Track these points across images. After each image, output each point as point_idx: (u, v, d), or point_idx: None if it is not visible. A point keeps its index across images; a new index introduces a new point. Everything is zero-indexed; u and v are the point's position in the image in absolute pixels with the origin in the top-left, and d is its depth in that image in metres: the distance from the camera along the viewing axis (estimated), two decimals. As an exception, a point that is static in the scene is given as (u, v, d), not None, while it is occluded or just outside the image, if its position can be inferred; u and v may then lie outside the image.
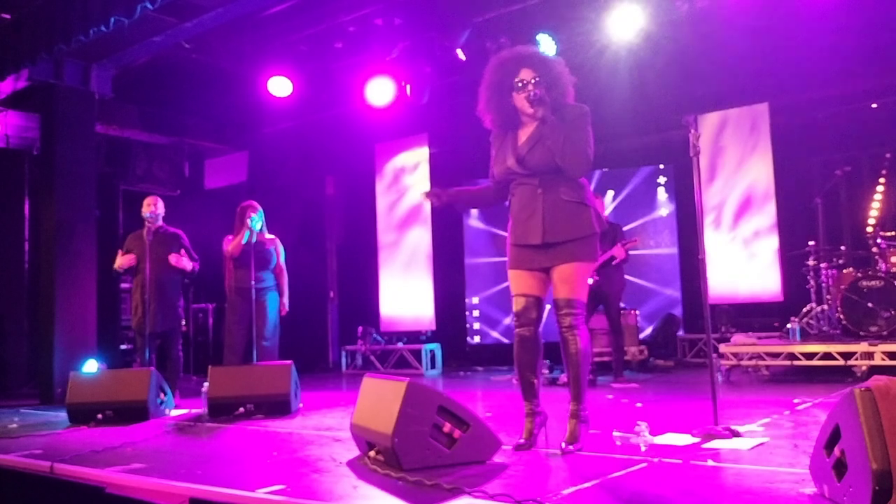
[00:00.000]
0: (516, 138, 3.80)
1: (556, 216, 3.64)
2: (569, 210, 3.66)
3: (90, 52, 7.68)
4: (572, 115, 3.69)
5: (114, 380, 5.87)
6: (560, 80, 3.74)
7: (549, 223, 3.63)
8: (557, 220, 3.64)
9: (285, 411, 5.51)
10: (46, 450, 4.36)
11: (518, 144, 3.76)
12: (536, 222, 3.65)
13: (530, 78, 3.69)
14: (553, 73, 3.73)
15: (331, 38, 8.58)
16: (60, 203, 7.78)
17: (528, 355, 3.73)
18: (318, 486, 3.16)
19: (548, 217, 3.64)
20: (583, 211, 3.70)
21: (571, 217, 3.66)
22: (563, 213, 3.65)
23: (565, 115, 3.69)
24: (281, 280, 6.72)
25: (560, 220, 3.64)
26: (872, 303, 6.57)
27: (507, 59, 3.80)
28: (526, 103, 3.70)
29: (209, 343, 10.47)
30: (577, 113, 3.71)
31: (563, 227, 3.64)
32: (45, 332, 7.76)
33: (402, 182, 10.39)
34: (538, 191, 3.67)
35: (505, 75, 3.76)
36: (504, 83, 3.76)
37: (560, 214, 3.64)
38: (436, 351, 9.82)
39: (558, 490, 2.83)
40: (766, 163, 8.46)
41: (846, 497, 2.38)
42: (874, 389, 2.31)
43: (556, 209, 3.64)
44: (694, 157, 4.17)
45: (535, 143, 3.70)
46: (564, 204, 3.66)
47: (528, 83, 3.69)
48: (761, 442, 3.68)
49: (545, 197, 3.66)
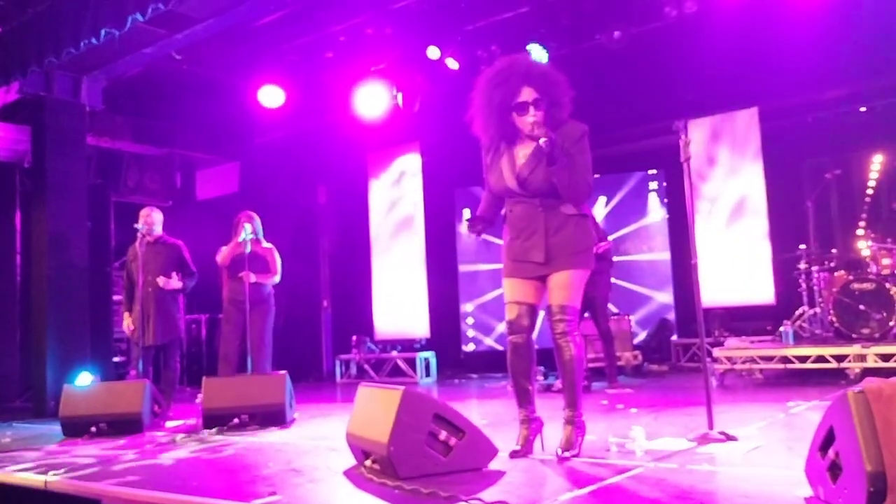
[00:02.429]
0: (514, 156, 3.72)
1: (557, 232, 3.62)
2: (570, 224, 3.64)
3: (81, 64, 7.67)
4: (573, 138, 3.64)
5: (107, 392, 5.84)
6: (560, 97, 3.67)
7: (553, 242, 3.62)
8: (560, 238, 3.62)
9: (280, 421, 5.50)
10: (40, 463, 4.33)
11: (517, 164, 3.69)
12: (538, 241, 3.62)
13: (532, 99, 3.59)
14: (554, 90, 3.65)
15: (322, 47, 8.60)
16: (52, 215, 7.76)
17: (522, 362, 3.73)
18: (313, 495, 3.15)
19: (551, 236, 3.62)
20: (582, 223, 3.70)
21: (572, 231, 3.64)
22: (565, 229, 3.63)
23: (566, 134, 3.64)
24: (267, 279, 6.67)
25: (562, 237, 3.63)
26: (864, 305, 6.60)
27: (507, 76, 3.62)
28: (526, 126, 3.62)
29: (203, 354, 10.44)
30: (577, 134, 3.66)
31: (565, 242, 3.62)
32: (38, 344, 7.73)
33: (394, 190, 10.39)
34: (539, 209, 3.64)
35: (505, 94, 3.60)
36: (504, 103, 3.61)
37: (562, 230, 3.63)
38: (430, 359, 9.81)
39: (555, 496, 2.83)
40: (757, 167, 8.50)
41: (841, 499, 2.38)
42: (867, 391, 2.32)
43: (558, 225, 3.63)
44: (684, 162, 4.19)
45: (535, 166, 3.63)
46: (566, 219, 3.64)
47: (529, 105, 3.59)
48: (756, 445, 3.68)
49: (546, 215, 3.63)
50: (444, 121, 9.24)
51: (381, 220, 10.51)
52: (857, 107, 8.47)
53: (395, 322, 10.23)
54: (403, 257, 10.21)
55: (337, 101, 9.20)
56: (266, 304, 6.66)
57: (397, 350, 10.07)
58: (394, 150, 10.40)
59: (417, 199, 10.15)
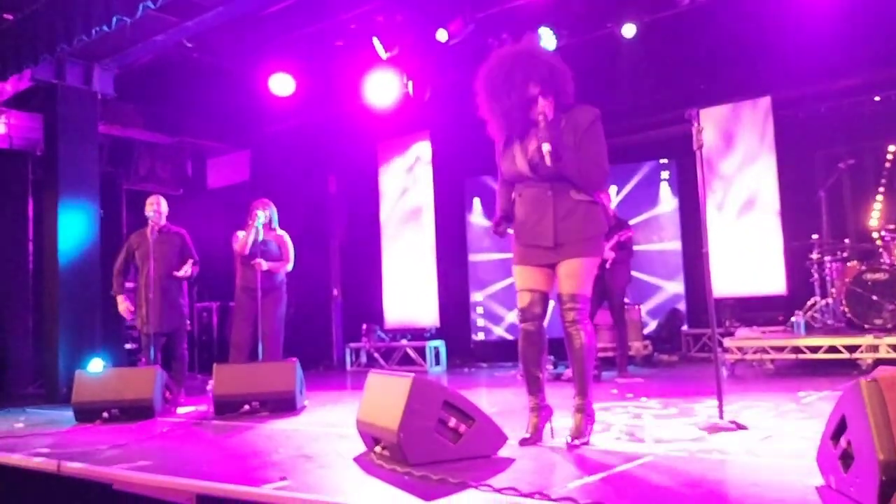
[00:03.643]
0: (526, 142, 3.71)
1: (566, 217, 3.62)
2: (580, 210, 3.63)
3: (92, 51, 7.69)
4: (585, 122, 3.63)
5: (119, 378, 5.88)
6: (564, 84, 3.67)
7: (561, 226, 3.61)
8: (569, 222, 3.62)
9: (291, 408, 5.53)
10: (53, 448, 4.36)
11: (530, 149, 3.68)
12: (547, 225, 3.62)
13: (538, 92, 3.60)
14: (558, 79, 3.65)
15: (332, 35, 8.58)
16: (64, 203, 7.79)
17: (533, 350, 3.73)
18: (324, 481, 3.17)
19: (559, 220, 3.61)
20: (593, 209, 3.68)
21: (582, 217, 3.63)
22: (574, 215, 3.62)
23: (577, 119, 3.64)
24: (280, 267, 6.68)
25: (571, 222, 3.62)
26: (877, 295, 6.56)
27: (509, 74, 3.60)
28: (538, 114, 3.60)
29: (214, 341, 10.49)
30: (589, 118, 3.65)
31: (574, 228, 3.62)
32: (50, 331, 7.78)
33: (404, 179, 10.39)
34: (548, 193, 3.64)
35: (511, 95, 3.60)
36: (513, 104, 3.61)
37: (571, 216, 3.62)
38: (440, 348, 9.82)
39: (564, 483, 2.83)
40: (770, 156, 8.44)
41: (853, 487, 2.38)
42: (880, 380, 2.31)
43: (567, 210, 3.62)
44: (697, 150, 4.17)
45: None
46: (575, 204, 3.63)
47: (538, 97, 3.60)
48: (767, 435, 3.68)
49: (556, 199, 3.63)
50: (454, 110, 9.21)
51: (391, 209, 10.51)
52: (871, 96, 8.40)
53: (404, 311, 10.25)
54: (413, 246, 10.21)
55: (347, 89, 9.19)
56: (278, 291, 6.67)
57: (407, 339, 10.09)
58: (404, 140, 10.38)
59: (428, 187, 10.14)
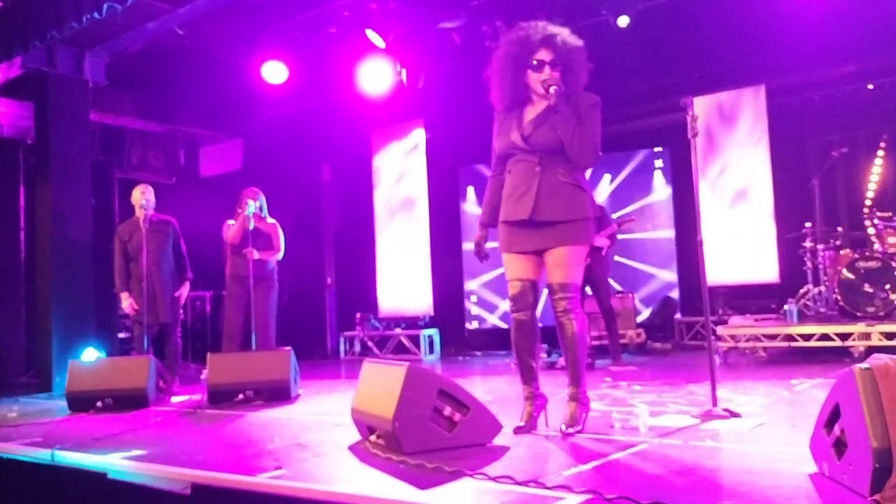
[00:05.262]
0: (522, 116, 3.76)
1: (550, 195, 3.62)
2: (564, 191, 3.64)
3: (83, 39, 7.63)
4: (585, 105, 3.67)
5: (113, 368, 5.87)
6: (576, 65, 3.70)
7: (543, 201, 3.62)
8: (552, 199, 3.62)
9: (285, 397, 5.53)
10: (47, 437, 4.37)
11: (524, 122, 3.73)
12: (529, 198, 3.63)
13: (548, 59, 3.65)
14: (571, 58, 3.69)
15: (325, 23, 8.53)
16: (55, 192, 7.75)
17: (526, 339, 3.74)
18: (319, 470, 3.17)
19: (542, 195, 3.62)
20: (578, 193, 3.68)
21: (566, 198, 3.64)
22: (558, 194, 3.63)
23: (578, 103, 3.66)
24: (271, 255, 6.68)
25: (554, 200, 3.62)
26: (869, 283, 6.58)
27: (528, 35, 3.69)
28: (539, 84, 3.67)
29: (207, 330, 10.47)
30: (589, 103, 3.69)
31: (557, 207, 3.62)
32: (43, 321, 7.76)
33: (398, 167, 10.36)
34: (536, 168, 3.65)
35: (522, 51, 3.69)
36: (520, 59, 3.69)
37: (555, 194, 3.63)
38: (434, 336, 9.83)
39: (559, 471, 2.84)
40: (763, 145, 8.45)
41: (846, 475, 2.39)
42: (874, 368, 2.32)
43: (552, 188, 3.63)
44: (692, 138, 4.16)
45: (541, 122, 3.67)
46: (561, 185, 3.64)
47: (544, 64, 3.65)
48: (760, 422, 3.69)
49: (542, 175, 3.64)
50: (448, 98, 9.20)
51: (385, 197, 10.49)
52: (865, 84, 8.39)
53: (398, 299, 10.24)
54: (407, 235, 10.20)
55: (341, 77, 9.14)
56: (269, 280, 6.66)
57: (401, 327, 10.10)
58: (398, 128, 10.35)
59: (421, 176, 10.12)
